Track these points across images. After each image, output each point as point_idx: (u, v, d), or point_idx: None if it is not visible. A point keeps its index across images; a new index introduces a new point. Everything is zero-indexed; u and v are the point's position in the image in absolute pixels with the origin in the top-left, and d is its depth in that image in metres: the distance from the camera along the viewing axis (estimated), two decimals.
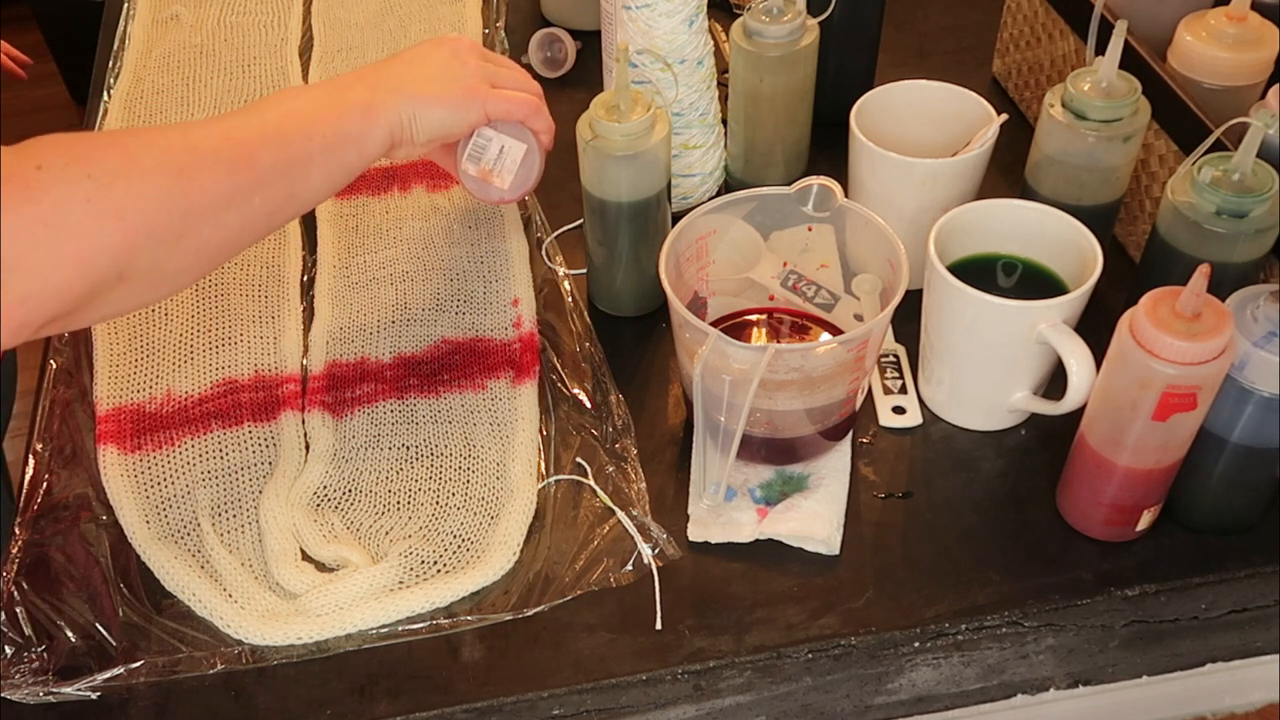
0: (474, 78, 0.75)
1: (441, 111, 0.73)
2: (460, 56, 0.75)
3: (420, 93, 0.72)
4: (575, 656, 0.66)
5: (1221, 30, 0.80)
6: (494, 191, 0.79)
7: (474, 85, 0.75)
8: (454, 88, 0.74)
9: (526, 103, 0.77)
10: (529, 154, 0.78)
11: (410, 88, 0.72)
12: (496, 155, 0.77)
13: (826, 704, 0.70)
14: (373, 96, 0.71)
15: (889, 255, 0.71)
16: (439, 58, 0.75)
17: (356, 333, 0.83)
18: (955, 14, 1.11)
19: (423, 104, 0.72)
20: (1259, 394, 0.62)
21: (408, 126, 0.72)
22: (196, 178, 0.61)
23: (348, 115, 0.70)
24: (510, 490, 0.73)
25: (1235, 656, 0.74)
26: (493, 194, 0.79)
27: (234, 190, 0.63)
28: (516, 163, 0.78)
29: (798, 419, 0.70)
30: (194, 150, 0.62)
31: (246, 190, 0.64)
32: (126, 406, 0.79)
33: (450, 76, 0.74)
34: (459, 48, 0.76)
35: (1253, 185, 0.67)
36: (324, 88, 0.71)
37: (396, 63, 0.75)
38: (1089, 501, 0.68)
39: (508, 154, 0.77)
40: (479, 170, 0.78)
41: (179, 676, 0.66)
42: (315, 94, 0.70)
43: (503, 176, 0.78)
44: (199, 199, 0.61)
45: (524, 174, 0.78)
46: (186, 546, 0.71)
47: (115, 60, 1.10)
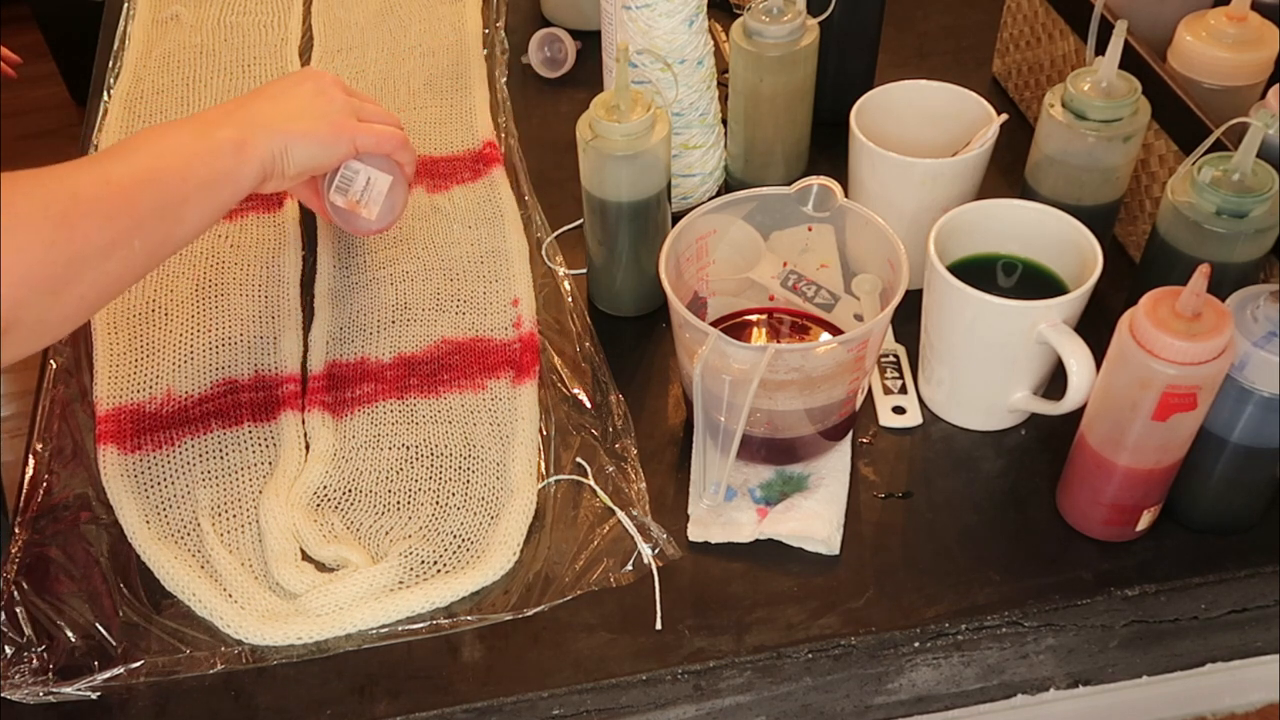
0: (341, 113, 0.76)
1: (312, 146, 0.74)
2: (325, 92, 0.76)
3: (290, 128, 0.73)
4: (575, 656, 0.66)
5: (1221, 30, 0.80)
6: (361, 223, 0.80)
7: (342, 120, 0.76)
8: (323, 123, 0.75)
9: (394, 136, 0.78)
10: (395, 185, 0.79)
11: (280, 124, 0.73)
12: (364, 187, 0.78)
13: (826, 704, 0.70)
14: (243, 133, 0.71)
15: (889, 255, 0.71)
16: (304, 93, 0.76)
17: (356, 333, 0.83)
18: (955, 14, 1.11)
19: (293, 139, 0.73)
20: (1259, 394, 0.62)
21: (279, 160, 0.73)
22: (78, 226, 0.61)
23: (220, 154, 0.70)
24: (510, 490, 0.73)
25: (1235, 656, 0.74)
26: (360, 225, 0.80)
27: (115, 236, 0.63)
28: (383, 194, 0.79)
29: (798, 419, 0.70)
30: (74, 198, 0.62)
31: (127, 234, 0.64)
32: (126, 406, 0.79)
33: (318, 112, 0.75)
34: (323, 83, 0.77)
35: (1253, 185, 0.67)
36: (193, 126, 0.71)
37: (263, 99, 0.75)
38: (1089, 501, 0.68)
39: (374, 185, 0.78)
40: (346, 202, 0.79)
41: (179, 676, 0.66)
42: (186, 133, 0.70)
43: (370, 207, 0.79)
44: (81, 247, 0.62)
45: (390, 204, 0.79)
46: (186, 546, 0.71)
47: (115, 60, 1.10)
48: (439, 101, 1.03)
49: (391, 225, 0.82)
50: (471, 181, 0.95)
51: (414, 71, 1.06)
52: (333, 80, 0.78)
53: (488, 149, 0.97)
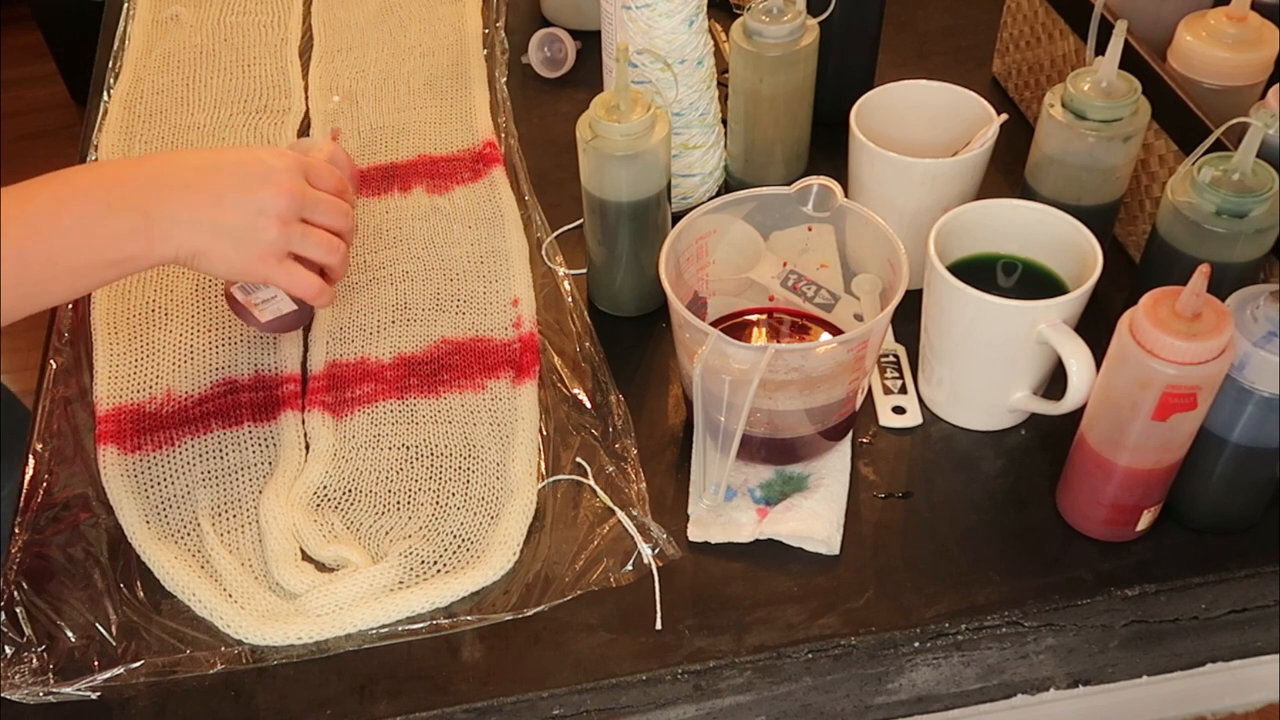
0: (270, 246, 0.70)
1: (223, 266, 0.70)
2: (267, 215, 0.70)
3: (207, 241, 0.69)
4: (575, 656, 0.66)
5: (1221, 30, 0.80)
6: (251, 320, 0.77)
7: (266, 255, 0.70)
8: (244, 253, 0.70)
9: (309, 288, 0.73)
10: (298, 313, 0.78)
11: (200, 231, 0.68)
12: (269, 298, 0.76)
13: (826, 704, 0.70)
14: (150, 227, 0.67)
15: (889, 255, 0.71)
16: (246, 208, 0.69)
17: (356, 333, 0.83)
18: (955, 14, 1.11)
19: (207, 253, 0.69)
20: (1259, 394, 0.62)
21: (185, 261, 0.69)
22: None
23: (113, 244, 0.66)
24: (510, 490, 0.73)
25: (1235, 656, 0.74)
26: (250, 320, 0.78)
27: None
28: (281, 313, 0.77)
29: (798, 419, 0.70)
30: None
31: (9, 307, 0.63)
32: (126, 406, 0.79)
33: (249, 238, 0.69)
34: (272, 202, 0.70)
35: (1253, 185, 0.67)
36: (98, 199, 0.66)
37: (199, 192, 0.69)
38: (1089, 501, 0.68)
39: (277, 301, 0.76)
40: (245, 300, 0.76)
41: (179, 676, 0.66)
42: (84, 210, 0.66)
43: (264, 313, 0.77)
44: None
45: (286, 322, 0.78)
46: (186, 546, 0.71)
47: (115, 60, 1.10)
48: (439, 101, 1.03)
49: (278, 333, 0.81)
50: (471, 181, 0.95)
51: (414, 71, 1.06)
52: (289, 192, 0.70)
53: (488, 149, 0.97)
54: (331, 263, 0.75)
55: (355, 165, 0.84)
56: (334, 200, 0.75)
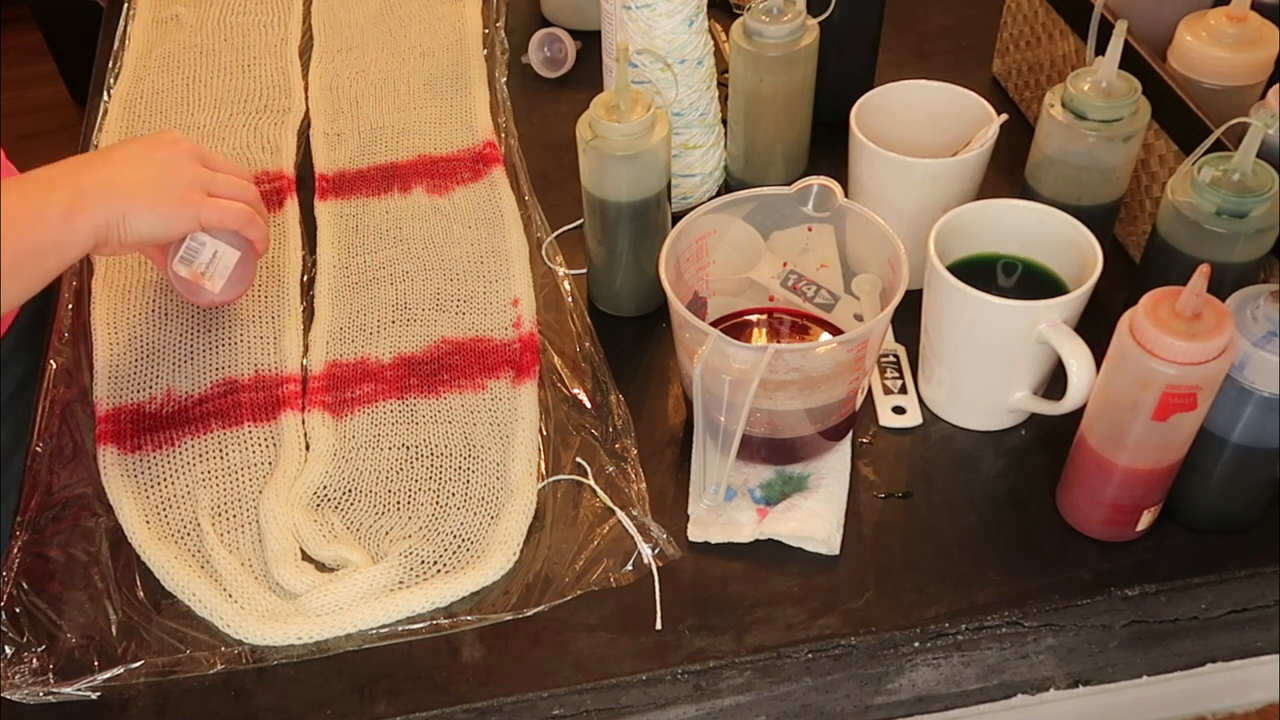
0: (187, 186, 0.75)
1: (152, 216, 0.73)
2: (176, 163, 0.75)
3: (131, 196, 0.72)
4: (575, 656, 0.66)
5: (1221, 30, 0.80)
6: (204, 295, 0.79)
7: (187, 193, 0.74)
8: (167, 194, 0.74)
9: (241, 213, 0.77)
10: (243, 260, 0.79)
11: (120, 189, 0.72)
12: (209, 260, 0.77)
13: (826, 704, 0.70)
14: (76, 198, 0.70)
15: (889, 255, 0.71)
16: (154, 161, 0.74)
17: (356, 333, 0.83)
18: (955, 14, 1.11)
19: (133, 208, 0.72)
20: (1259, 394, 0.62)
21: (115, 227, 0.72)
22: None
23: (45, 223, 0.69)
24: (510, 490, 0.73)
25: (1235, 656, 0.74)
26: (203, 296, 0.79)
27: None
28: (229, 269, 0.78)
29: (798, 419, 0.70)
30: None
31: None
32: (126, 406, 0.79)
33: (164, 182, 0.74)
34: (176, 153, 0.75)
35: (1253, 185, 0.67)
36: (27, 188, 0.70)
37: (109, 161, 0.74)
38: (1089, 501, 0.68)
39: (220, 259, 0.78)
40: (190, 273, 0.78)
41: (179, 676, 0.66)
42: (14, 197, 0.69)
43: (214, 280, 0.78)
44: None
45: (236, 279, 0.79)
46: (186, 546, 0.71)
47: (115, 60, 1.10)
48: (439, 101, 1.03)
49: (237, 299, 0.81)
50: (471, 182, 0.95)
51: (414, 71, 1.06)
52: (188, 149, 0.76)
53: (488, 149, 0.97)
54: (247, 196, 0.78)
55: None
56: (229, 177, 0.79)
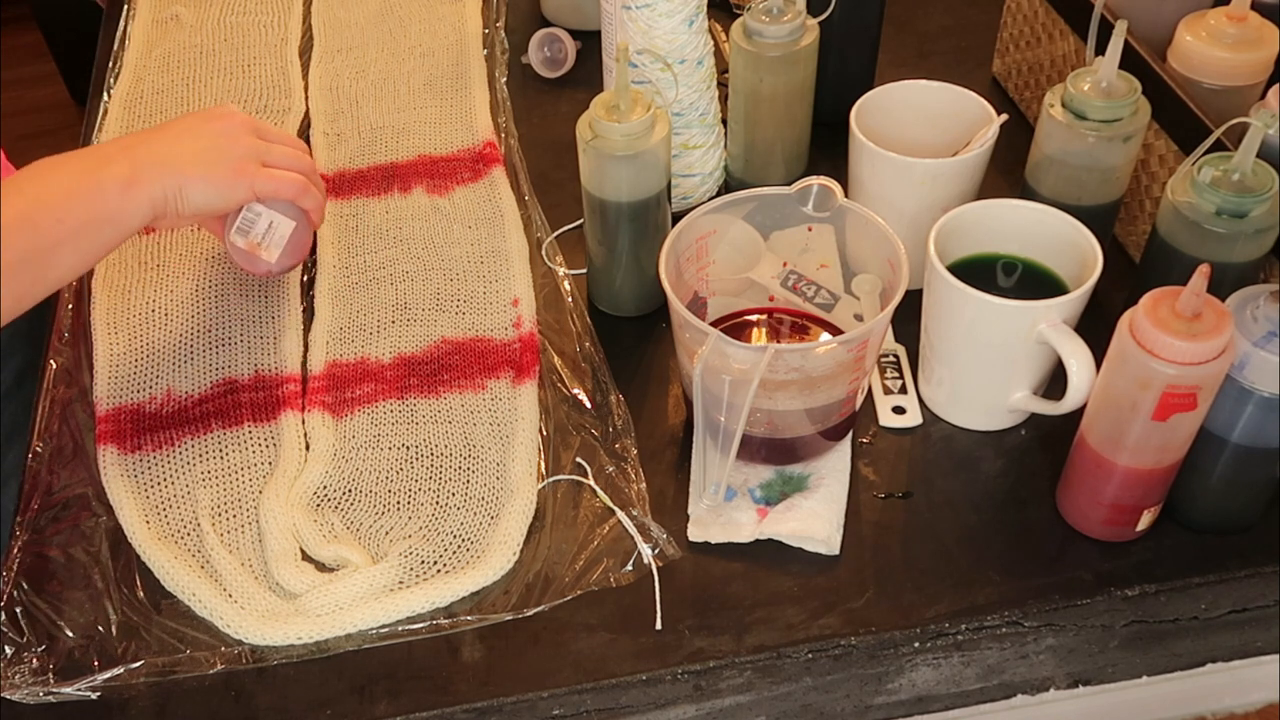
0: (243, 157, 0.75)
1: (208, 188, 0.74)
2: (230, 134, 0.76)
3: (186, 168, 0.73)
4: (575, 656, 0.66)
5: (1221, 30, 0.80)
6: (261, 264, 0.80)
7: (242, 164, 0.75)
8: (222, 165, 0.74)
9: (295, 182, 0.78)
10: (298, 230, 0.79)
11: (176, 162, 0.73)
12: (265, 230, 0.78)
13: (826, 704, 0.70)
14: (134, 171, 0.71)
15: (889, 255, 0.71)
16: (209, 133, 0.75)
17: (356, 333, 0.83)
18: (955, 14, 1.11)
19: (188, 179, 0.73)
20: (1259, 394, 0.62)
21: (172, 200, 0.73)
22: None
23: (104, 194, 0.70)
24: (510, 490, 0.73)
25: (1235, 656, 0.74)
26: (260, 266, 0.80)
27: None
28: (285, 238, 0.79)
29: (798, 419, 0.70)
30: None
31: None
32: (126, 406, 0.79)
33: (219, 153, 0.74)
34: (230, 125, 0.76)
35: (1253, 185, 0.67)
36: (86, 160, 0.71)
37: (165, 134, 0.75)
38: (1089, 501, 0.68)
39: (276, 229, 0.78)
40: (247, 243, 0.78)
41: (179, 676, 0.66)
42: (73, 169, 0.70)
43: (270, 250, 0.79)
44: None
45: (292, 248, 0.80)
46: (186, 546, 0.71)
47: (115, 60, 1.10)
48: (439, 101, 1.03)
49: (293, 268, 0.82)
50: (471, 182, 0.95)
51: (414, 71, 1.06)
52: (243, 121, 0.77)
53: (488, 149, 0.97)
54: (302, 166, 0.79)
55: None
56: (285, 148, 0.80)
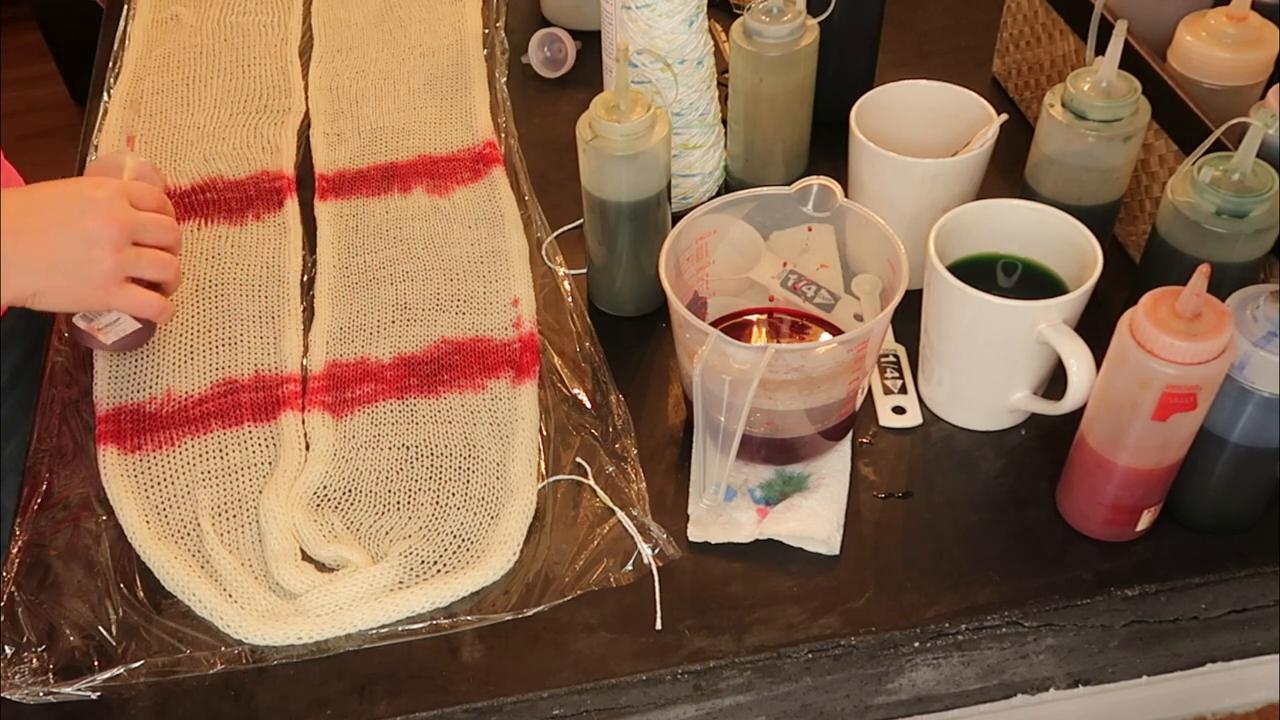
0: (107, 275, 0.73)
1: (64, 300, 0.73)
2: (100, 244, 0.72)
3: (47, 280, 0.72)
4: (575, 656, 0.66)
5: (1221, 30, 0.80)
6: (95, 343, 0.79)
7: (104, 283, 0.73)
8: (84, 283, 0.73)
9: (152, 306, 0.76)
10: (142, 331, 0.79)
11: (37, 272, 0.71)
12: (111, 321, 0.78)
13: (826, 704, 0.70)
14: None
15: (889, 255, 0.71)
16: (79, 238, 0.72)
17: (356, 333, 0.83)
18: (955, 14, 1.11)
19: (47, 290, 0.72)
20: (1259, 394, 0.62)
21: (29, 300, 0.72)
22: None
23: None
24: (510, 490, 0.73)
25: (1235, 656, 0.74)
26: (93, 344, 0.79)
27: None
28: (126, 332, 0.78)
29: (798, 419, 0.70)
30: None
31: None
32: (126, 406, 0.79)
33: (85, 268, 0.72)
34: (102, 230, 0.72)
35: (1253, 185, 0.67)
36: None
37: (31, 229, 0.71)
38: (1089, 501, 0.68)
39: (121, 324, 0.78)
40: (88, 327, 0.78)
41: (179, 676, 0.66)
42: None
43: (108, 335, 0.78)
44: None
45: (130, 341, 0.79)
46: (186, 546, 0.71)
47: (115, 60, 1.10)
48: (439, 101, 1.03)
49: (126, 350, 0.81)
50: (471, 182, 0.95)
51: (414, 71, 1.06)
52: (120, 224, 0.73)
53: (488, 149, 0.97)
54: (166, 278, 0.77)
55: (160, 173, 0.85)
56: (160, 218, 0.77)
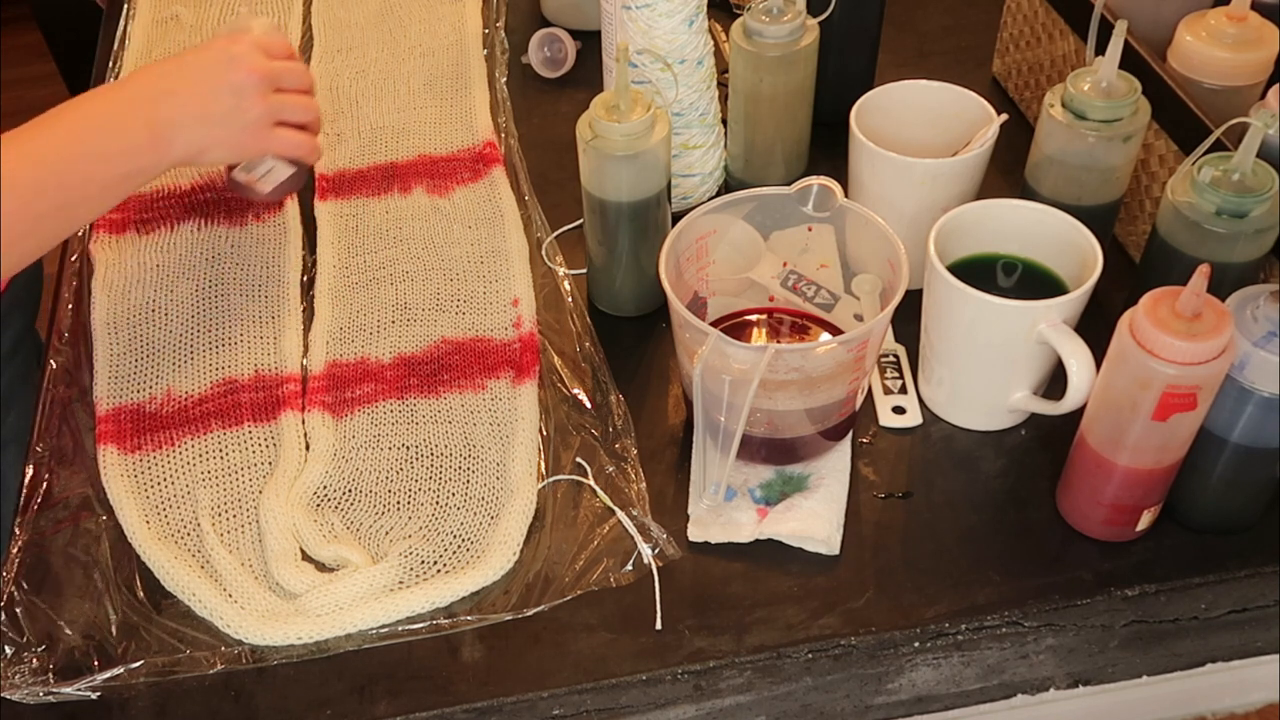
0: (259, 121, 0.77)
1: (227, 152, 0.78)
2: (248, 95, 0.76)
3: (206, 134, 0.76)
4: (575, 656, 0.66)
5: (1221, 30, 0.80)
6: (255, 195, 0.84)
7: (259, 128, 0.78)
8: (242, 133, 0.77)
9: (305, 145, 0.81)
10: (296, 174, 0.84)
11: (198, 125, 0.75)
12: (266, 171, 0.82)
13: (826, 704, 0.70)
14: (155, 134, 0.73)
15: (889, 255, 0.71)
16: (226, 90, 0.76)
17: (356, 333, 0.83)
18: (955, 14, 1.11)
19: (210, 142, 0.76)
20: (1259, 394, 0.62)
21: (195, 158, 0.76)
22: None
23: (133, 153, 0.73)
24: (510, 490, 0.73)
25: (1235, 656, 0.74)
26: (253, 196, 0.84)
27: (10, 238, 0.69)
28: (281, 179, 0.83)
29: (798, 419, 0.70)
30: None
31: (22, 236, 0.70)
32: (126, 406, 0.79)
33: (236, 116, 0.76)
34: (246, 82, 0.76)
35: (1253, 185, 0.67)
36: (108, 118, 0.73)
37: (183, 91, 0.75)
38: (1089, 501, 0.68)
39: (275, 171, 0.82)
40: (246, 178, 0.83)
41: (179, 676, 0.66)
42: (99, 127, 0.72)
43: (265, 184, 0.83)
44: None
45: (286, 186, 0.84)
46: (186, 546, 0.71)
47: (115, 60, 1.10)
48: (439, 101, 1.03)
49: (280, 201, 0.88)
50: (471, 182, 0.95)
51: (414, 71, 1.06)
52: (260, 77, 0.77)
53: (488, 149, 0.97)
54: (310, 120, 0.82)
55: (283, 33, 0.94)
56: (294, 65, 0.82)
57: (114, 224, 0.91)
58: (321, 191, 0.95)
